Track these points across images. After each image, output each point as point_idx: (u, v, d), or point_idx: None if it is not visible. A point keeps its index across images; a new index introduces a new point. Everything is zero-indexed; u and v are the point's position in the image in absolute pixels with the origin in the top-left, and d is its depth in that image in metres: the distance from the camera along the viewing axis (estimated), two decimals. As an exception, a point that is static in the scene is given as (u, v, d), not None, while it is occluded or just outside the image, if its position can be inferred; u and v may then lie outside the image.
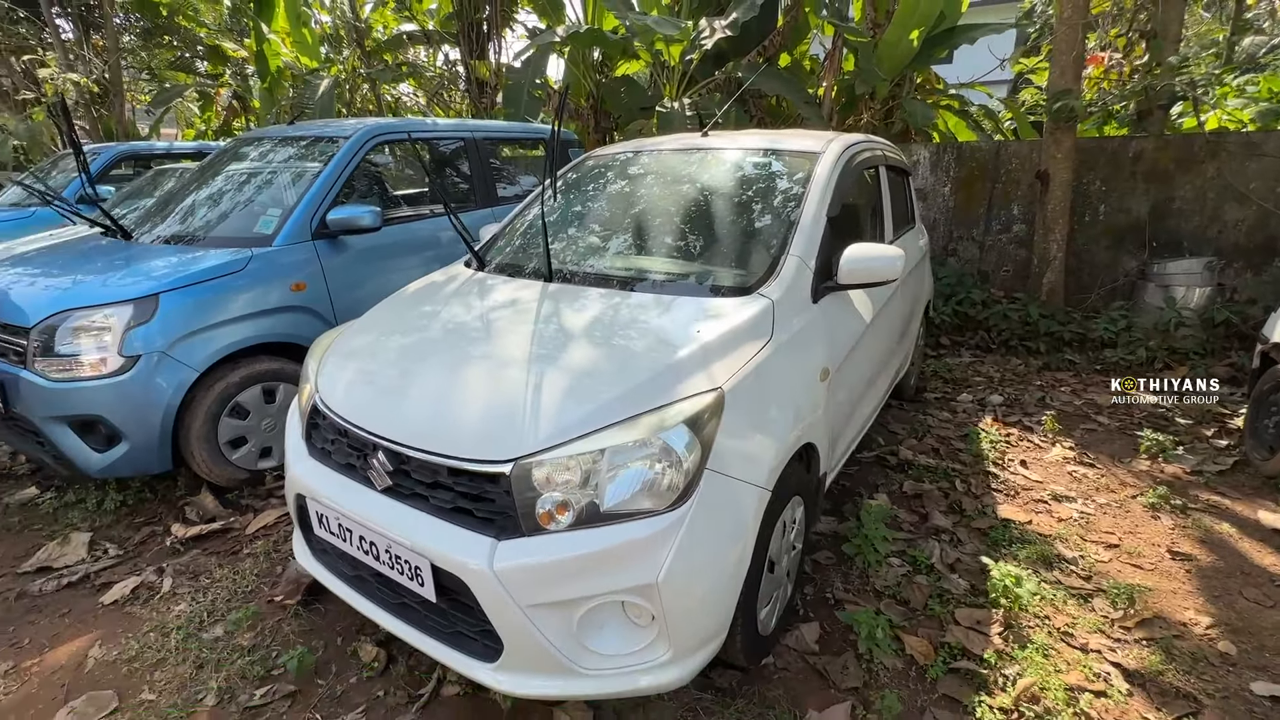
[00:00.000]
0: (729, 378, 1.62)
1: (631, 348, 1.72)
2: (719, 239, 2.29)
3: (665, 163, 2.73)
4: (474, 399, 1.62)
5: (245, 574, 2.32)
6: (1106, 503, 2.82)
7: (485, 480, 1.48)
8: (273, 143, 3.68)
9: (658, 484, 1.45)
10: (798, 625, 2.04)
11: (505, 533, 1.45)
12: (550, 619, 1.43)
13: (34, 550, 2.49)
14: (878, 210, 2.96)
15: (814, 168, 2.38)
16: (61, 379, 2.48)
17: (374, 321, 2.20)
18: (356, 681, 1.85)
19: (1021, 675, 1.83)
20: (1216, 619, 2.09)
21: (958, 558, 2.38)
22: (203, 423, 2.70)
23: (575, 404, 1.53)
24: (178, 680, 1.85)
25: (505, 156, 5.16)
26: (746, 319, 1.80)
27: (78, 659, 1.96)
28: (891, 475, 3.07)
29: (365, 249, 3.28)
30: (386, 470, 1.62)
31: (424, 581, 1.54)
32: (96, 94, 9.89)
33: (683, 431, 1.48)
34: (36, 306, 2.53)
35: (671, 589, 1.41)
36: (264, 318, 2.86)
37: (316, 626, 2.07)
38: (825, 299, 2.14)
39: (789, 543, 1.94)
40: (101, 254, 2.99)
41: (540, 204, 2.29)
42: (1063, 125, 4.57)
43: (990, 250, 5.58)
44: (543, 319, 1.91)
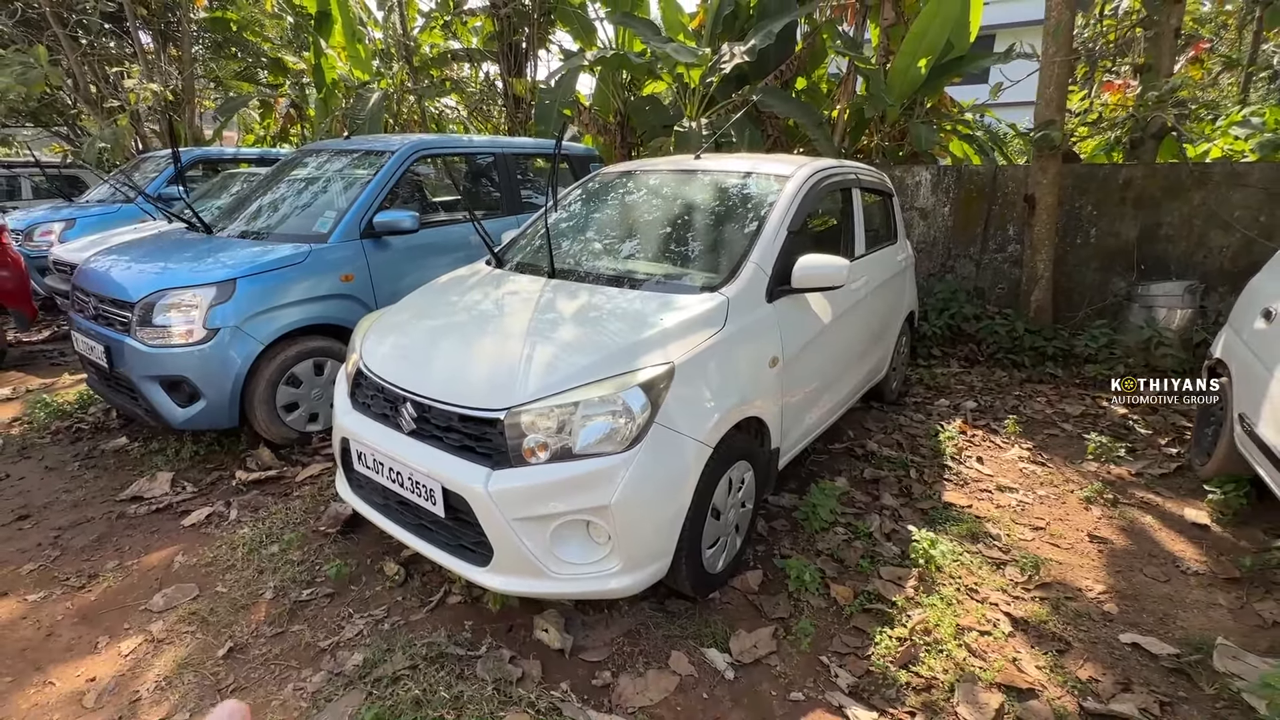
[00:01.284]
0: (681, 355, 2.04)
1: (607, 328, 2.16)
2: (694, 246, 2.72)
3: (660, 180, 3.18)
4: (480, 364, 2.08)
5: (295, 510, 2.82)
6: (1046, 495, 3.13)
7: (485, 424, 1.94)
8: (330, 154, 4.25)
9: (617, 432, 1.88)
10: (745, 572, 2.43)
11: (499, 464, 1.90)
12: (530, 531, 1.87)
13: (128, 484, 3.04)
14: (847, 227, 3.34)
15: (783, 188, 2.80)
16: (156, 345, 3.04)
17: (407, 306, 2.69)
18: (381, 589, 2.32)
19: (923, 615, 2.19)
20: (1110, 588, 2.42)
21: (894, 529, 2.75)
22: (264, 388, 3.23)
23: (557, 368, 1.98)
24: (244, 580, 2.35)
25: (532, 169, 5.68)
26: (703, 311, 2.23)
27: (167, 562, 2.48)
28: (856, 463, 3.43)
29: (405, 248, 3.80)
30: (412, 417, 2.09)
31: (436, 501, 2.00)
32: (171, 101, 10.83)
33: (638, 393, 1.91)
34: (139, 286, 3.11)
35: (622, 510, 1.84)
36: (318, 303, 3.39)
37: (350, 550, 2.55)
38: (781, 300, 2.54)
39: (737, 500, 2.34)
40: (189, 245, 3.57)
41: (545, 214, 2.75)
42: (1046, 153, 4.88)
43: (986, 268, 5.86)
44: (540, 306, 2.37)
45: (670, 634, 2.12)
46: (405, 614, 2.20)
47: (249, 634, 2.08)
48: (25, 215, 6.62)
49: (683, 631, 2.13)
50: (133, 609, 2.22)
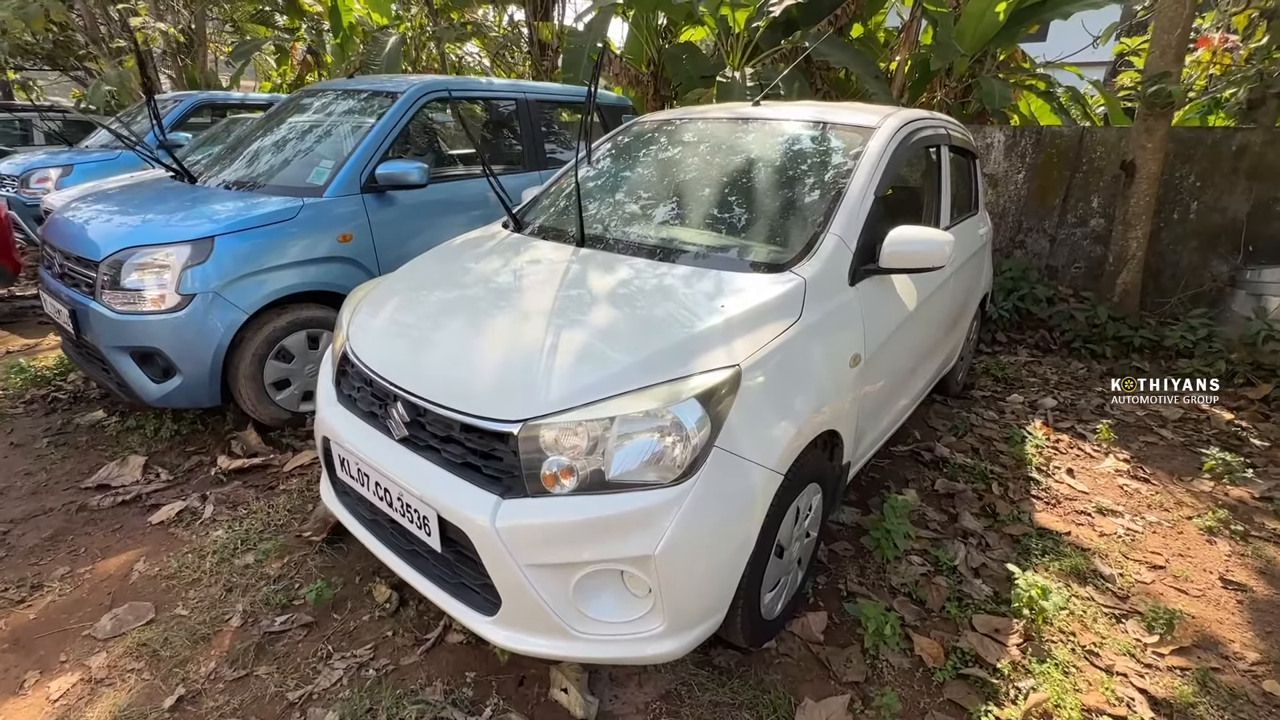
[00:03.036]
0: (749, 355, 1.57)
1: (652, 317, 1.69)
2: (757, 213, 2.21)
3: (711, 132, 2.64)
4: (490, 358, 1.63)
5: (279, 508, 2.44)
6: (1157, 521, 2.64)
7: (494, 438, 1.50)
8: (333, 95, 3.76)
9: (665, 457, 1.43)
10: (805, 613, 2.00)
11: (510, 491, 1.47)
12: (548, 580, 1.44)
13: (96, 468, 2.69)
14: (935, 193, 2.79)
15: (867, 143, 2.26)
16: (125, 311, 2.64)
17: (407, 276, 2.24)
18: (369, 619, 1.94)
19: (1036, 690, 1.75)
20: (1265, 656, 1.94)
21: (984, 562, 2.29)
22: (250, 363, 2.83)
23: (588, 369, 1.52)
24: (209, 600, 1.98)
25: (558, 120, 5.13)
26: (775, 297, 1.74)
27: (124, 571, 2.12)
28: (925, 471, 2.95)
29: (412, 205, 3.33)
30: (404, 421, 1.66)
31: (431, 531, 1.58)
32: (182, 44, 10.33)
33: (694, 406, 1.45)
34: (106, 242, 2.69)
35: (669, 563, 1.40)
36: (311, 266, 2.96)
37: (338, 564, 2.17)
38: (865, 282, 2.04)
39: (802, 529, 1.89)
40: (168, 195, 3.14)
41: (574, 167, 2.25)
42: (1157, 112, 4.19)
43: (1062, 245, 5.22)
44: (568, 283, 1.89)
45: (719, 700, 1.70)
46: (395, 655, 1.81)
47: (205, 677, 1.71)
48: (24, 160, 6.25)
49: (734, 698, 1.71)
50: (75, 633, 1.86)
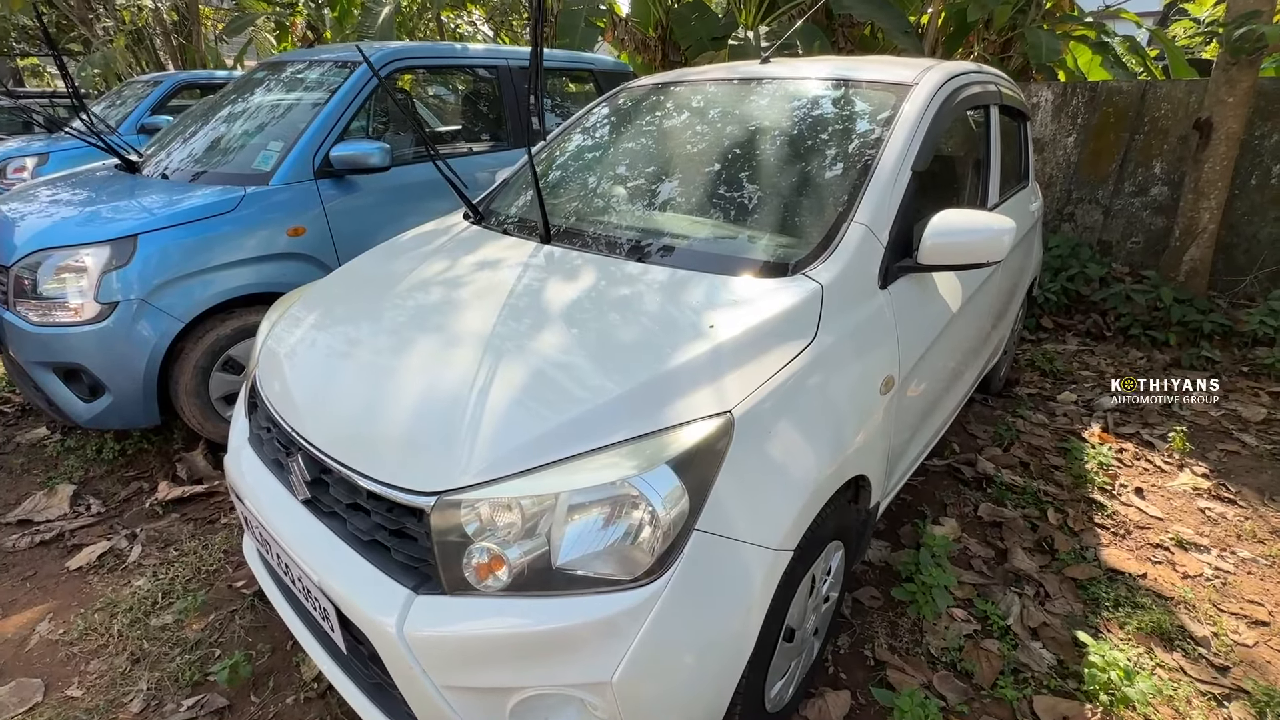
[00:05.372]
0: (744, 397, 1.17)
1: (617, 343, 1.29)
2: (762, 197, 1.77)
3: (711, 96, 2.20)
4: (408, 401, 1.25)
5: (214, 549, 2.13)
6: (1252, 558, 2.19)
7: (406, 513, 1.13)
8: (296, 66, 3.36)
9: (626, 545, 1.04)
10: (823, 691, 1.63)
11: (427, 584, 1.11)
12: (473, 706, 1.08)
13: (24, 498, 2.40)
14: (982, 165, 2.32)
15: (901, 104, 1.80)
16: (41, 323, 2.32)
17: (339, 282, 1.86)
18: (293, 702, 1.61)
19: (1122, 811, 1.36)
20: None
21: (1044, 621, 1.88)
22: (192, 377, 2.50)
23: (528, 421, 1.13)
24: (109, 675, 1.67)
25: (560, 90, 4.68)
26: (781, 312, 1.32)
27: (24, 632, 1.82)
28: (965, 492, 2.53)
29: (376, 191, 2.95)
30: (305, 480, 1.30)
31: (334, 627, 1.23)
32: (176, 22, 9.97)
33: (667, 475, 1.06)
34: (16, 244, 2.36)
35: (631, 691, 1.02)
36: (257, 264, 2.60)
37: (269, 623, 1.84)
38: (899, 282, 1.61)
39: (819, 598, 1.51)
40: (101, 187, 2.79)
41: (527, 146, 1.84)
42: (1243, 60, 3.58)
43: (1117, 216, 4.65)
44: (516, 295, 1.49)
45: (712, 825, 1.34)
46: (318, 756, 1.48)
47: (80, 790, 1.40)
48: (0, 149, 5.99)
49: (731, 823, 1.35)
50: (-56, 723, 1.57)
